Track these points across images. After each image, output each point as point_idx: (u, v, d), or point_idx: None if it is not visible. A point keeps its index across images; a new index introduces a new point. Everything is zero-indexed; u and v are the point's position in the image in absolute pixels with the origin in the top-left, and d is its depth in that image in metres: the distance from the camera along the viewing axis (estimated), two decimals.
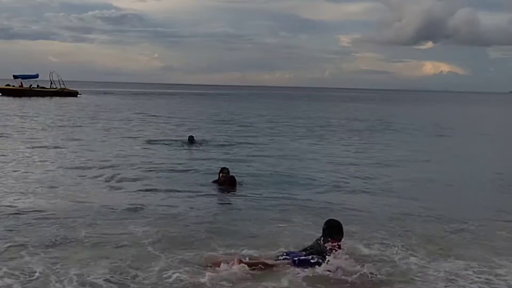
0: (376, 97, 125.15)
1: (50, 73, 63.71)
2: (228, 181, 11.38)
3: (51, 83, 64.04)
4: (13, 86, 61.45)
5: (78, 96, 65.06)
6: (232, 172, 11.88)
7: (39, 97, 57.28)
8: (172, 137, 21.78)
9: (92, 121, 29.87)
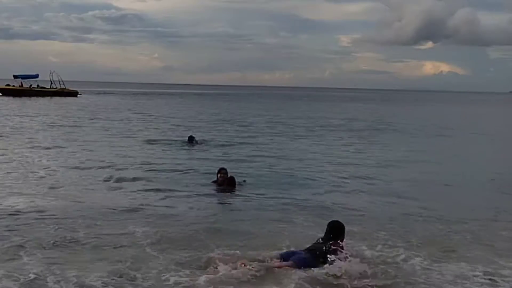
0: (376, 97, 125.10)
1: (50, 73, 63.75)
2: (227, 182, 11.36)
3: (51, 83, 64.00)
4: (13, 86, 61.45)
5: (78, 96, 65.07)
6: (232, 173, 11.85)
7: (39, 97, 57.27)
8: (172, 137, 21.76)
9: (92, 121, 29.83)
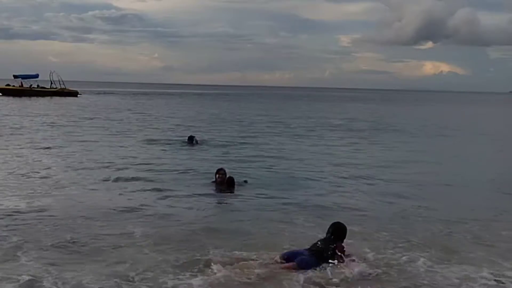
0: (376, 97, 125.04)
1: (50, 73, 63.70)
2: (226, 182, 11.34)
3: (51, 83, 63.97)
4: (13, 86, 61.45)
5: (78, 96, 65.05)
6: (233, 173, 11.81)
7: (39, 97, 57.23)
8: (172, 137, 21.72)
9: (92, 121, 29.78)
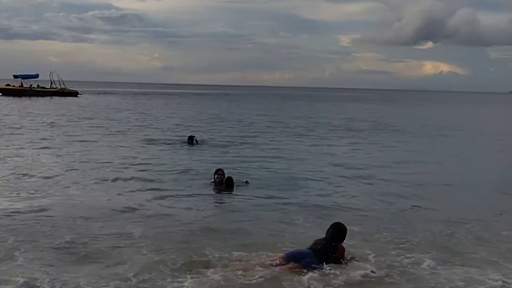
0: (376, 97, 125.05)
1: (50, 73, 63.73)
2: (225, 182, 11.34)
3: (51, 83, 63.99)
4: (13, 86, 61.48)
5: (78, 96, 65.11)
6: (232, 173, 11.80)
7: (39, 97, 57.25)
8: (172, 137, 21.70)
9: (92, 121, 29.78)
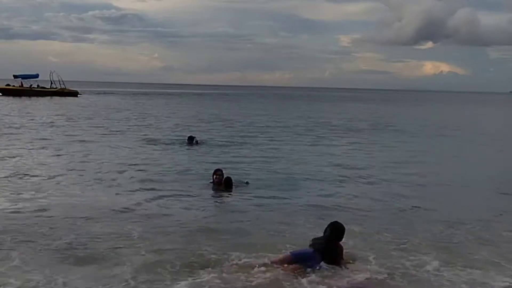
0: (376, 97, 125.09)
1: (50, 73, 63.81)
2: (224, 182, 11.33)
3: (51, 83, 64.05)
4: (13, 86, 61.53)
5: (78, 96, 65.15)
6: (232, 173, 11.79)
7: (39, 97, 57.28)
8: (172, 137, 21.70)
9: (92, 121, 29.77)
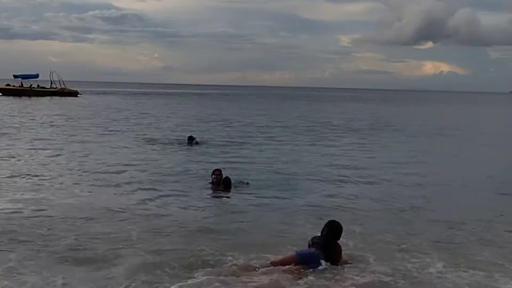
0: (376, 97, 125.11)
1: (50, 73, 63.83)
2: (223, 182, 11.33)
3: (51, 83, 64.07)
4: (13, 86, 61.57)
5: (78, 96, 65.20)
6: (232, 174, 11.79)
7: (39, 97, 57.31)
8: (172, 137, 21.70)
9: (92, 121, 29.77)
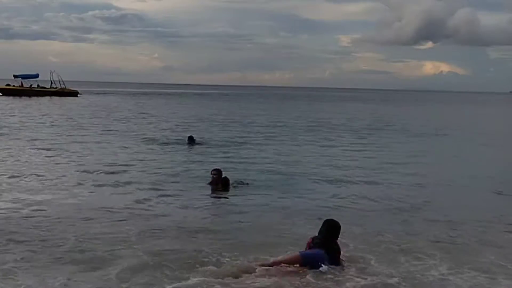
0: (376, 97, 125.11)
1: (51, 73, 63.84)
2: (221, 182, 11.33)
3: (51, 83, 64.09)
4: (13, 86, 61.61)
5: (78, 96, 65.22)
6: (232, 174, 11.79)
7: (39, 97, 57.34)
8: (172, 137, 21.69)
9: (92, 121, 29.77)
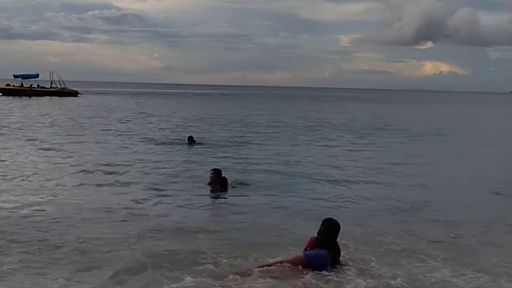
0: (376, 97, 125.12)
1: (51, 73, 63.82)
2: (220, 182, 11.32)
3: (51, 83, 64.09)
4: (13, 86, 61.62)
5: (78, 96, 65.24)
6: (232, 174, 11.77)
7: (39, 97, 57.37)
8: (172, 137, 21.67)
9: (92, 121, 29.76)
